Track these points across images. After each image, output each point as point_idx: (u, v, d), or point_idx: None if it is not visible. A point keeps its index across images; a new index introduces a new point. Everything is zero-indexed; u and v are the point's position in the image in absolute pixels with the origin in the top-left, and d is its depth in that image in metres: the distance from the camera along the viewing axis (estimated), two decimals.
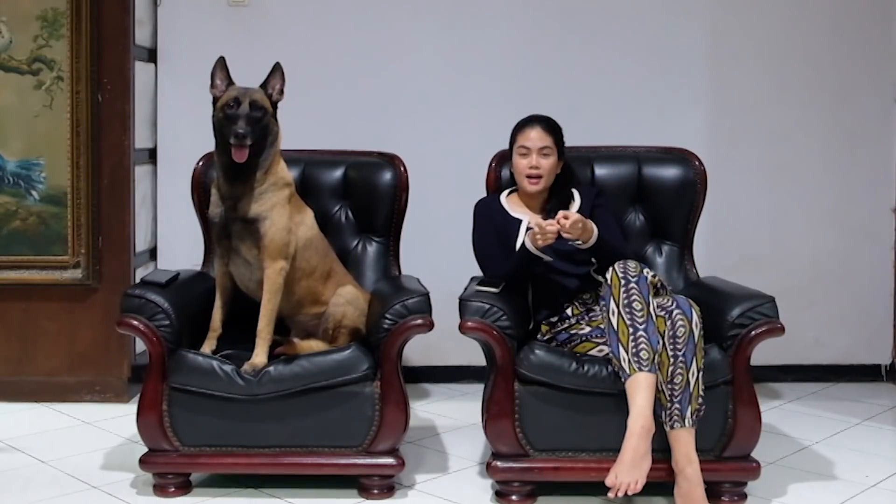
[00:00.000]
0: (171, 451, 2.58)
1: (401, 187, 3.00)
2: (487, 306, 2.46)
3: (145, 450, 2.61)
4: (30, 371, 3.73)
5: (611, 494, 2.33)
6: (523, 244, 2.60)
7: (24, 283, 3.66)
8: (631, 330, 2.40)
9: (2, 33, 3.62)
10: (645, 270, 2.51)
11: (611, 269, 2.51)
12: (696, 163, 3.10)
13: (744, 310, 2.54)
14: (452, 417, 3.28)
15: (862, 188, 4.03)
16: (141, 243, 3.81)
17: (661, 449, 2.39)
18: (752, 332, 2.50)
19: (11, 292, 3.67)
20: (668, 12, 3.88)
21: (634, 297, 2.43)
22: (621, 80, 3.86)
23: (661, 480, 2.41)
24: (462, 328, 2.47)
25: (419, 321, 2.49)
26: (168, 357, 2.58)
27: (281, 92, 2.66)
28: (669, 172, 3.11)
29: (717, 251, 3.77)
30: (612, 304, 2.45)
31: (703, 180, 3.10)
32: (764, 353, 2.90)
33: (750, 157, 3.97)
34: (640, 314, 2.42)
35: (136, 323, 2.57)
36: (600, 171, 3.09)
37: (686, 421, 2.36)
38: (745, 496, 2.54)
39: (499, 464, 2.46)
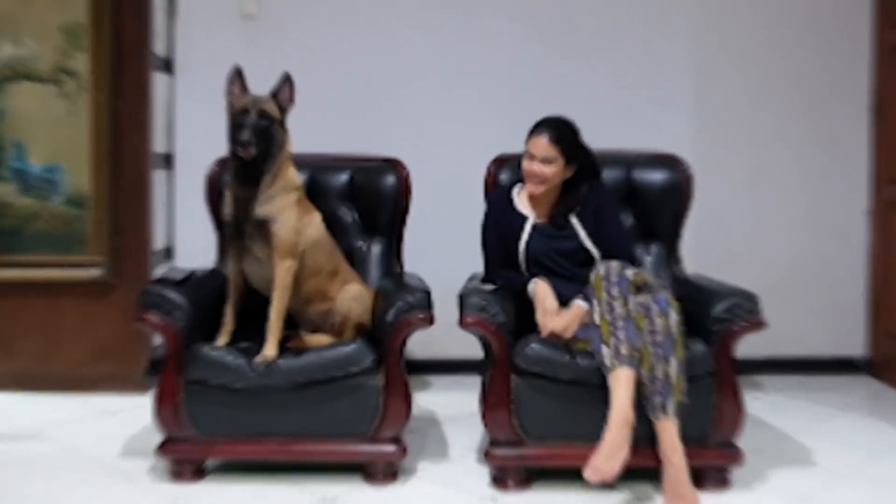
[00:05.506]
0: (187, 440, 2.54)
1: (403, 191, 2.96)
2: (485, 302, 2.43)
3: (163, 438, 2.58)
4: (54, 363, 3.70)
5: (588, 478, 2.33)
6: (529, 289, 2.58)
7: (48, 281, 3.62)
8: (612, 328, 2.38)
9: (27, 45, 3.60)
10: (627, 271, 2.48)
11: (594, 270, 2.49)
12: (683, 167, 3.07)
13: (727, 306, 2.50)
14: (452, 407, 3.25)
15: (837, 191, 4.01)
16: (158, 243, 3.79)
17: (650, 437, 2.36)
18: (735, 327, 2.46)
19: (36, 289, 3.65)
20: (656, 26, 3.90)
21: (615, 297, 2.42)
22: (613, 89, 3.87)
23: (650, 467, 2.38)
24: (462, 323, 2.43)
25: (421, 316, 2.45)
26: (183, 350, 2.53)
27: (290, 100, 2.64)
28: (657, 176, 3.07)
29: (701, 250, 3.71)
30: (595, 304, 2.44)
31: (689, 184, 3.07)
32: (746, 347, 2.86)
33: (732, 162, 3.96)
34: (620, 313, 2.40)
35: (153, 318, 2.54)
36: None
37: (669, 412, 2.34)
38: (728, 481, 2.50)
39: (496, 451, 2.43)
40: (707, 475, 2.47)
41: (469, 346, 2.97)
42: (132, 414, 3.30)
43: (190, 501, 2.45)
